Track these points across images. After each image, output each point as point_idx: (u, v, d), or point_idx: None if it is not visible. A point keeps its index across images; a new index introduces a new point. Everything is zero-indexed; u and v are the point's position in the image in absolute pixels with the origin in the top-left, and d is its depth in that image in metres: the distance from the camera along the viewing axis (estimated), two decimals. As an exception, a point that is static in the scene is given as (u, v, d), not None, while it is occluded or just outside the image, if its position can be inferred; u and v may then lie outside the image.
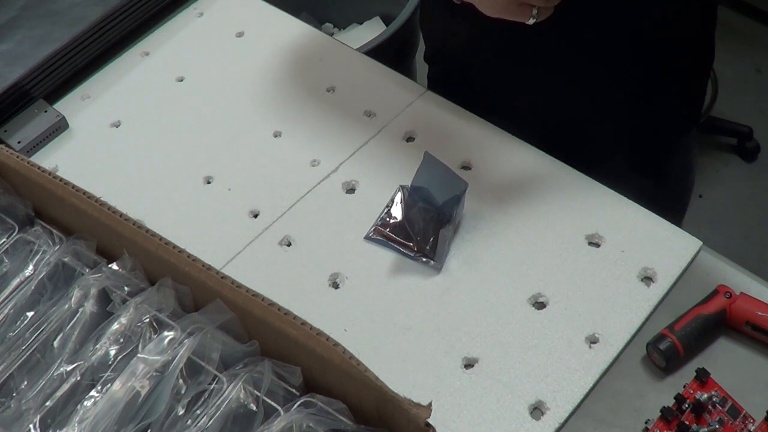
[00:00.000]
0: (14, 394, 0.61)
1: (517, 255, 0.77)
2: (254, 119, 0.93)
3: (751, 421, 0.66)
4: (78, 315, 0.64)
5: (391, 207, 0.81)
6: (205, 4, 1.06)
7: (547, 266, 0.76)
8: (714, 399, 0.66)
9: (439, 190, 0.76)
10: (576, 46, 0.83)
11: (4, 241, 0.70)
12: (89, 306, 0.64)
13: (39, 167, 0.69)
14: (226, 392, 0.57)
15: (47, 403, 0.60)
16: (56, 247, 0.68)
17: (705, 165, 1.98)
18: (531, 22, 0.71)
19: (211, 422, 0.56)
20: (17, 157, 0.70)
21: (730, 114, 2.01)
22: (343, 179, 0.85)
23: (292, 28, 1.02)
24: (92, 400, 0.59)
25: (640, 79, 0.86)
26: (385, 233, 0.80)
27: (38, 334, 0.63)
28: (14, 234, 0.70)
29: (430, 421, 0.52)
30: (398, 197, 0.82)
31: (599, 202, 0.80)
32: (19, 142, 0.92)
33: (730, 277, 0.74)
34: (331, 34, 1.67)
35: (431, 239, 0.77)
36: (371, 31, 1.63)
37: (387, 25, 1.60)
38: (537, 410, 0.68)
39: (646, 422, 0.66)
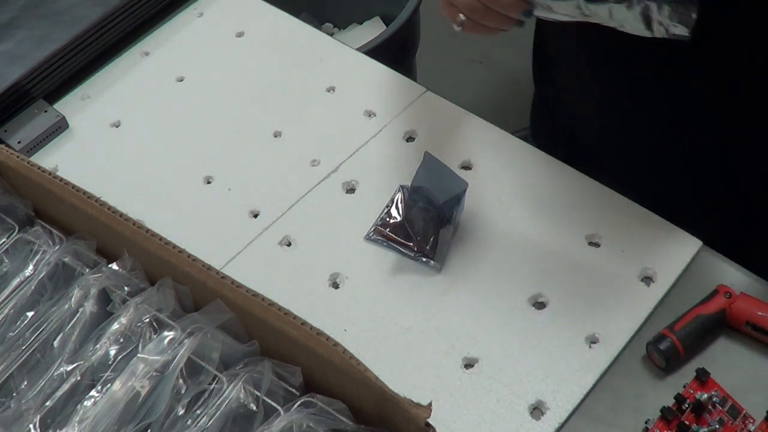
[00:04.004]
0: (14, 394, 0.61)
1: (517, 255, 0.77)
2: (254, 119, 0.93)
3: (751, 421, 0.66)
4: (78, 315, 0.64)
5: (391, 207, 0.81)
6: (205, 4, 1.06)
7: (547, 266, 0.76)
8: (714, 399, 0.66)
9: (439, 190, 0.76)
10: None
11: (4, 241, 0.70)
12: (89, 306, 0.64)
13: (39, 167, 0.69)
14: (226, 392, 0.57)
15: (47, 403, 0.60)
16: (56, 247, 0.68)
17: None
18: (456, 29, 0.70)
19: (211, 422, 0.56)
20: (17, 157, 0.70)
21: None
22: (343, 179, 0.85)
23: (292, 28, 1.02)
24: (92, 400, 0.59)
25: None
26: (385, 233, 0.80)
27: (38, 334, 0.63)
28: (14, 234, 0.70)
29: (430, 421, 0.52)
30: (398, 197, 0.82)
31: (599, 202, 0.80)
32: (19, 142, 0.92)
33: (730, 277, 0.74)
34: (331, 34, 1.67)
35: (431, 239, 0.77)
36: (371, 31, 1.63)
37: (387, 25, 1.60)
38: (537, 410, 0.68)
39: (646, 422, 0.66)
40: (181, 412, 0.57)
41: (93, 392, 0.59)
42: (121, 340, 0.62)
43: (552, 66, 0.97)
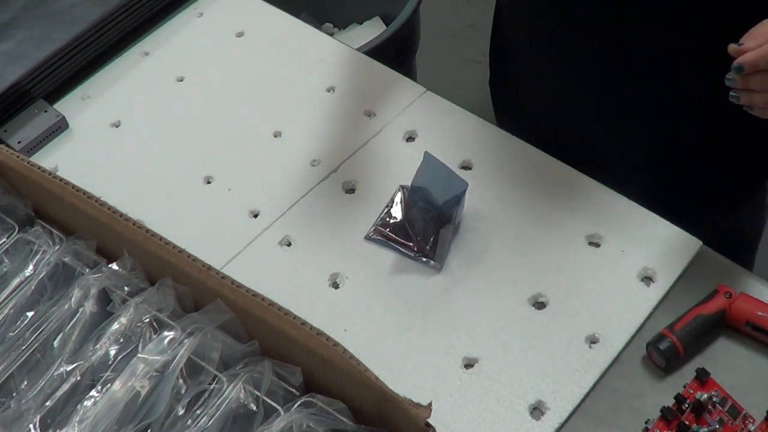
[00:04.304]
0: (14, 394, 0.61)
1: (517, 255, 0.77)
2: (254, 119, 0.93)
3: (751, 421, 0.66)
4: (78, 315, 0.64)
5: (391, 207, 0.81)
6: (205, 4, 1.06)
7: (547, 266, 0.76)
8: (714, 399, 0.66)
9: (439, 190, 0.76)
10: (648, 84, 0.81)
11: (4, 241, 0.70)
12: (89, 306, 0.64)
13: (39, 167, 0.69)
14: (226, 392, 0.57)
15: (47, 403, 0.60)
16: (56, 247, 0.68)
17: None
18: None
19: (211, 422, 0.56)
20: (17, 157, 0.70)
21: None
22: (343, 179, 0.85)
23: (292, 28, 1.02)
24: (92, 400, 0.59)
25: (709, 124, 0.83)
26: (385, 233, 0.80)
27: (38, 334, 0.63)
28: (14, 234, 0.70)
29: (430, 421, 0.52)
30: (398, 197, 0.82)
31: (599, 202, 0.80)
32: (19, 142, 0.92)
33: (730, 277, 0.74)
34: (331, 34, 1.67)
35: (431, 239, 0.77)
36: (371, 31, 1.63)
37: (387, 25, 1.60)
38: (537, 410, 0.68)
39: (646, 422, 0.66)
40: (181, 412, 0.57)
41: (93, 392, 0.59)
42: (121, 340, 0.62)
43: (507, 50, 0.96)
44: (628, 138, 0.86)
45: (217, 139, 0.91)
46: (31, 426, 0.59)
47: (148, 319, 0.62)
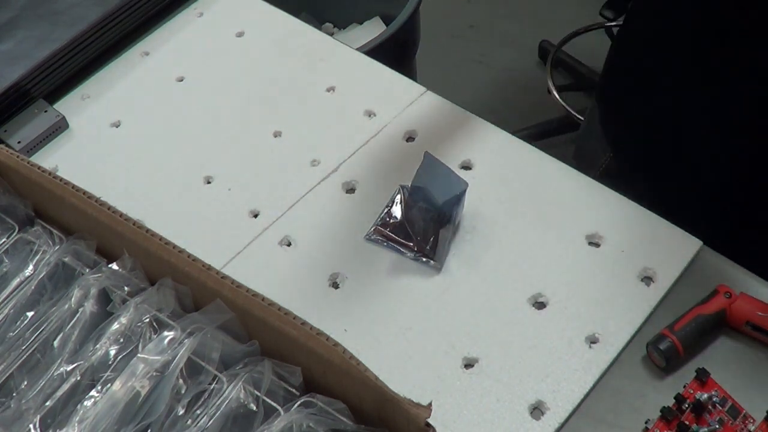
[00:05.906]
0: (14, 394, 0.61)
1: (517, 255, 0.77)
2: (254, 119, 0.93)
3: (751, 421, 0.66)
4: (78, 315, 0.63)
5: (391, 207, 0.81)
6: (205, 4, 1.06)
7: (547, 266, 0.76)
8: (714, 399, 0.66)
9: (439, 190, 0.76)
10: None
11: (4, 241, 0.70)
12: (89, 306, 0.64)
13: (39, 167, 0.69)
14: (226, 392, 0.57)
15: (47, 403, 0.60)
16: (56, 247, 0.68)
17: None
18: None
19: (211, 422, 0.56)
20: (17, 157, 0.70)
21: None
22: (343, 179, 0.85)
23: (292, 28, 1.02)
24: (92, 400, 0.59)
25: None
26: (385, 233, 0.80)
27: (38, 334, 0.63)
28: (14, 234, 0.70)
29: (430, 421, 0.52)
30: (398, 197, 0.82)
31: (599, 202, 0.80)
32: (19, 142, 0.92)
33: (730, 277, 0.74)
34: (331, 34, 1.67)
35: (431, 239, 0.77)
36: (371, 31, 1.63)
37: (387, 25, 1.60)
38: (537, 410, 0.68)
39: (646, 422, 0.66)
40: (181, 412, 0.57)
41: (93, 392, 0.59)
42: (121, 340, 0.62)
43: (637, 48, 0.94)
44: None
45: (217, 139, 0.92)
46: (31, 426, 0.59)
47: (148, 319, 0.62)
